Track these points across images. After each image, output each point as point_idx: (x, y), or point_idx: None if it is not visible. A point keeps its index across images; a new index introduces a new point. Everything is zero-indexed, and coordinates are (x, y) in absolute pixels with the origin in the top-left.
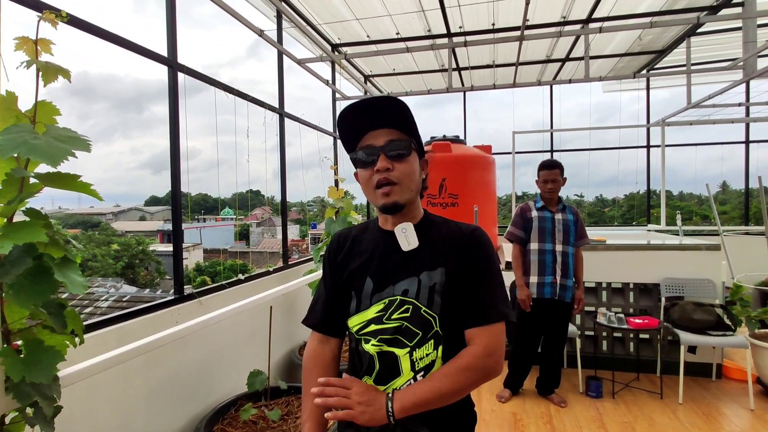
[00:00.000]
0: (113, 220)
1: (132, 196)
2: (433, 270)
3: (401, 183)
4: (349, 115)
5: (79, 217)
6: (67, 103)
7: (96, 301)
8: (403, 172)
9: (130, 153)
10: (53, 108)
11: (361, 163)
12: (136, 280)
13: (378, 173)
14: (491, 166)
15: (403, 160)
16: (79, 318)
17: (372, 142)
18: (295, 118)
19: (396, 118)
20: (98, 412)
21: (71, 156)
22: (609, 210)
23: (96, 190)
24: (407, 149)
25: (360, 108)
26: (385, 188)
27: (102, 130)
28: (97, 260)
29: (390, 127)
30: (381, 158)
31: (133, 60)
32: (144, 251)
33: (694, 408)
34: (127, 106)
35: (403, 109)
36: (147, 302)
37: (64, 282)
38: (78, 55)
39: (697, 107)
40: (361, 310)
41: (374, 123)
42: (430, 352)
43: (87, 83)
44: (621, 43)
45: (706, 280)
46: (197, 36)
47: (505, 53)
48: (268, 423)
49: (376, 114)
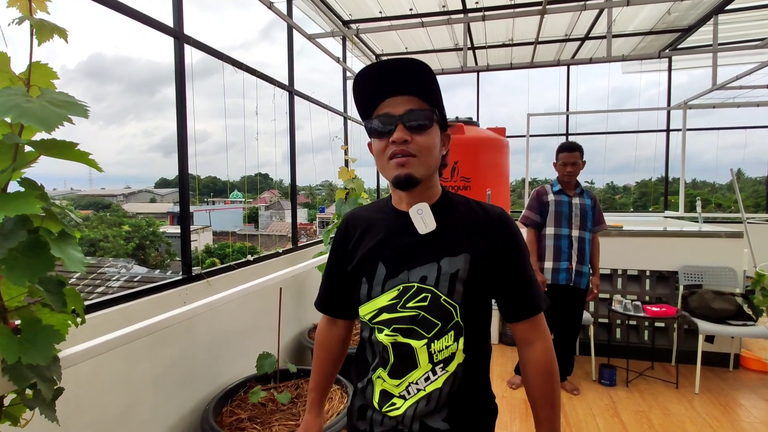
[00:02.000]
0: (124, 202)
1: (143, 179)
2: (456, 256)
3: (420, 156)
4: (366, 78)
5: (90, 198)
6: (81, 85)
7: (108, 281)
8: (422, 145)
9: (142, 135)
10: (50, 71)
11: (376, 132)
12: (147, 261)
13: (394, 144)
14: (505, 148)
15: (423, 132)
16: (80, 296)
17: (390, 110)
18: (305, 96)
19: (419, 84)
20: (105, 393)
21: (67, 121)
22: (620, 197)
23: (95, 159)
24: (429, 120)
25: (379, 70)
26: (400, 158)
27: (115, 112)
28: (109, 241)
29: (411, 94)
30: (398, 128)
31: (146, 41)
32: (154, 233)
33: (711, 398)
34: (140, 88)
35: (428, 75)
36: (157, 282)
37: (62, 258)
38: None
39: (722, 89)
40: (373, 298)
41: (394, 88)
42: (450, 344)
43: (102, 65)
44: (645, 20)
45: (726, 269)
46: (208, 18)
47: (523, 31)
48: (278, 406)
49: (397, 78)
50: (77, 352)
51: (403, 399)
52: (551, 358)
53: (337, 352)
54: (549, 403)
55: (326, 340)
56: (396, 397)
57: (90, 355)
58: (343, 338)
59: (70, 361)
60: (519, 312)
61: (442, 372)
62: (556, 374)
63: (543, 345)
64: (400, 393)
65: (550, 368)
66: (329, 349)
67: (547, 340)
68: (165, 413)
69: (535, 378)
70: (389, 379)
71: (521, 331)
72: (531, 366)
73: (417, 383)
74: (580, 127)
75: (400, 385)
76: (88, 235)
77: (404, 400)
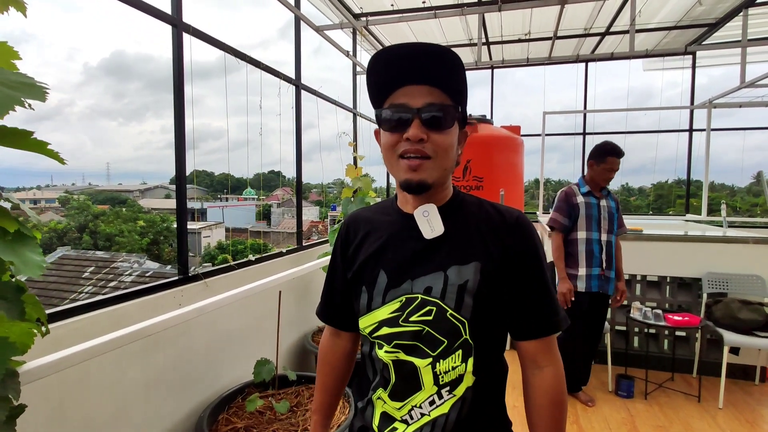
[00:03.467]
0: (140, 198)
1: (160, 175)
2: (465, 264)
3: (436, 158)
4: (386, 59)
5: (107, 193)
6: (103, 83)
7: (120, 275)
8: (440, 145)
9: (160, 132)
10: (10, 50)
11: (388, 123)
12: (161, 257)
13: (407, 142)
14: (519, 147)
15: (442, 131)
16: (40, 305)
17: (407, 100)
18: (312, 90)
19: (445, 75)
20: (93, 399)
21: (19, 105)
22: (635, 199)
23: (54, 150)
24: (450, 117)
25: (400, 53)
26: (413, 161)
27: (135, 109)
28: (124, 236)
29: (434, 85)
30: (414, 124)
31: (168, 38)
32: (168, 228)
33: (736, 414)
34: (161, 85)
35: (456, 65)
36: (168, 278)
37: (14, 261)
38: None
39: (752, 86)
40: (373, 309)
41: (415, 76)
42: (458, 364)
43: (124, 62)
44: (671, 13)
45: (754, 276)
46: (226, 16)
47: (541, 24)
48: (276, 415)
49: (421, 64)
50: (43, 364)
51: (405, 424)
52: (562, 388)
53: (342, 368)
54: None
55: (330, 354)
56: (398, 421)
57: (59, 367)
58: (348, 352)
59: (35, 375)
60: (533, 329)
61: (449, 396)
62: (565, 405)
63: (554, 371)
64: (402, 417)
65: (560, 398)
66: (333, 365)
67: (559, 366)
68: (157, 420)
69: (543, 407)
70: (390, 401)
71: (531, 351)
72: (539, 393)
73: (420, 407)
74: (597, 128)
75: (401, 409)
76: (104, 230)
77: (406, 425)
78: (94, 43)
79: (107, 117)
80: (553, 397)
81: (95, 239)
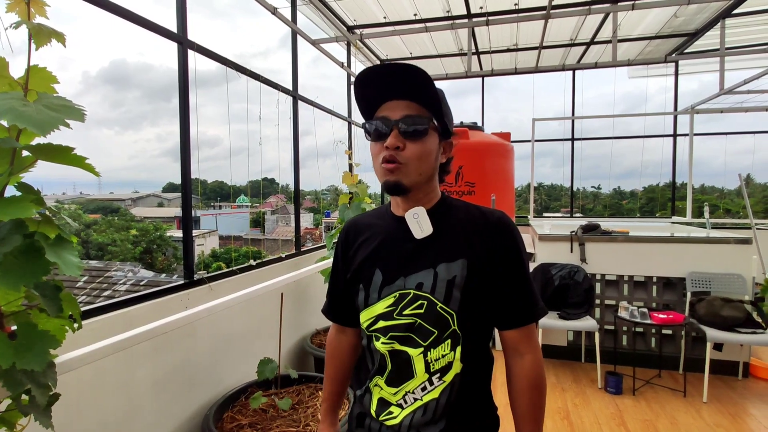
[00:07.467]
0: (132, 206)
1: (153, 183)
2: (453, 261)
3: (408, 164)
4: (365, 82)
5: (99, 202)
6: (101, 91)
7: (114, 284)
8: (414, 153)
9: (156, 140)
10: (49, 75)
11: (372, 134)
12: (154, 265)
13: (386, 150)
14: (510, 153)
15: (417, 140)
16: (76, 302)
17: (388, 113)
18: (308, 101)
19: (417, 89)
20: (106, 398)
21: (63, 125)
22: (627, 202)
23: (91, 164)
24: (424, 127)
25: (378, 73)
26: (389, 164)
27: (132, 118)
28: (117, 245)
29: (411, 99)
30: (393, 134)
31: (168, 49)
32: (161, 237)
33: (720, 408)
34: (158, 94)
35: (424, 80)
36: (162, 286)
37: (57, 263)
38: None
39: (730, 93)
40: (370, 305)
41: (392, 92)
42: (447, 353)
43: (123, 72)
44: (651, 24)
45: (735, 275)
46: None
47: (528, 35)
48: (279, 412)
49: (395, 83)
50: (75, 356)
51: (400, 408)
52: (541, 372)
53: (349, 360)
54: (534, 419)
55: (337, 349)
56: (393, 405)
57: (88, 360)
58: (354, 346)
59: (68, 366)
60: (513, 318)
61: (439, 382)
62: (544, 389)
63: (533, 357)
64: (397, 402)
65: (539, 382)
66: (340, 358)
67: (537, 353)
68: (166, 418)
69: (523, 391)
70: (387, 387)
71: (513, 339)
72: (519, 378)
73: (414, 392)
74: (588, 133)
75: (397, 394)
76: (96, 239)
77: (401, 409)
78: (95, 52)
79: (104, 125)
80: (532, 381)
81: (87, 249)
